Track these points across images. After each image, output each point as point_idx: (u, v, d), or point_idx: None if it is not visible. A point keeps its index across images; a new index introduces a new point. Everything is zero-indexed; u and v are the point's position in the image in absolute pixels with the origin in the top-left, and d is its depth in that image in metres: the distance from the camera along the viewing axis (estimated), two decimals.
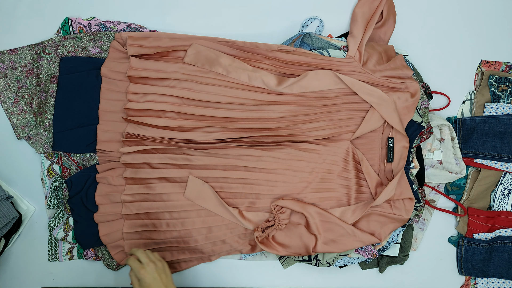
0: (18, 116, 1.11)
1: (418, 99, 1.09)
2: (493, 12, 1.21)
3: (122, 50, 1.09)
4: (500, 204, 1.18)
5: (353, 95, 1.09)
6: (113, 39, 1.10)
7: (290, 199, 1.09)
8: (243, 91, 1.07)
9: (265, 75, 1.06)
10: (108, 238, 1.10)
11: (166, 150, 1.08)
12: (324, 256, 1.12)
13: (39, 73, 1.11)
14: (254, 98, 1.07)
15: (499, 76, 1.18)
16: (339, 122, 1.10)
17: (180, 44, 1.08)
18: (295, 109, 1.09)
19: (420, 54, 1.19)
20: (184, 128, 1.08)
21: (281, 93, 1.08)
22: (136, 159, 1.07)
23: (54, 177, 1.13)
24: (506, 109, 1.17)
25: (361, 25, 1.11)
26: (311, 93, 1.08)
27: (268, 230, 1.08)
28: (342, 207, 1.09)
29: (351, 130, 1.11)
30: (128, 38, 1.06)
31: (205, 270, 1.17)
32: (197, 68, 1.07)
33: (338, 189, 1.11)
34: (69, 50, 1.10)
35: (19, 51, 1.10)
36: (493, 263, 1.18)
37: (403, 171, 1.09)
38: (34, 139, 1.12)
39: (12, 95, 1.11)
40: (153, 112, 1.07)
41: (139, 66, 1.07)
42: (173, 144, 1.08)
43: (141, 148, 1.07)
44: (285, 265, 1.17)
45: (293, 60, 1.08)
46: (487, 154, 1.17)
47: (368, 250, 1.11)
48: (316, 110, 1.09)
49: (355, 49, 1.09)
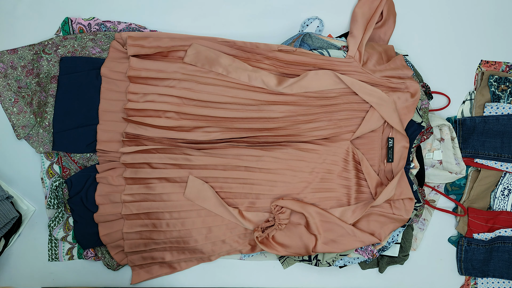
0: (18, 116, 1.11)
1: (418, 99, 1.09)
2: (493, 12, 1.21)
3: (122, 50, 1.09)
4: (500, 204, 1.18)
5: (353, 95, 1.09)
6: (113, 39, 1.10)
7: (290, 199, 1.09)
8: (243, 91, 1.07)
9: (265, 75, 1.06)
10: (108, 238, 1.10)
11: (166, 150, 1.08)
12: (324, 256, 1.12)
13: (39, 73, 1.11)
14: (254, 98, 1.07)
15: (499, 76, 1.18)
16: (339, 122, 1.10)
17: (180, 44, 1.08)
18: (295, 109, 1.09)
19: (420, 54, 1.20)
20: (184, 128, 1.08)
21: (281, 93, 1.08)
22: (136, 159, 1.07)
23: (54, 177, 1.13)
24: (506, 109, 1.17)
25: (361, 25, 1.11)
26: (311, 93, 1.08)
27: (268, 230, 1.08)
28: (342, 207, 1.09)
29: (351, 130, 1.11)
30: (128, 38, 1.06)
31: (205, 270, 1.17)
32: (197, 68, 1.07)
33: (338, 189, 1.11)
34: (69, 50, 1.10)
35: (19, 51, 1.10)
36: (493, 263, 1.18)
37: (403, 171, 1.09)
38: (34, 139, 1.12)
39: (12, 95, 1.11)
40: (153, 112, 1.07)
41: (139, 66, 1.07)
42: (173, 144, 1.08)
43: (141, 148, 1.07)
44: (285, 265, 1.17)
45: (293, 60, 1.08)
46: (487, 154, 1.17)
47: (368, 250, 1.11)
48: (316, 110, 1.09)
49: (355, 49, 1.09)
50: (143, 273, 1.14)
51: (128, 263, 1.13)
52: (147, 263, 1.13)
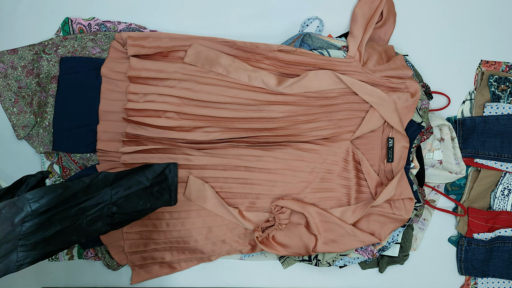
0: (18, 116, 1.11)
1: (418, 99, 1.09)
2: (493, 12, 1.21)
3: (122, 50, 1.09)
4: (500, 204, 1.18)
5: (353, 95, 1.09)
6: (113, 39, 1.10)
7: (290, 199, 1.09)
8: (243, 91, 1.07)
9: (265, 75, 1.06)
10: (108, 238, 1.10)
11: (166, 150, 1.08)
12: (324, 256, 1.12)
13: (39, 73, 1.11)
14: (254, 98, 1.07)
15: (499, 76, 1.18)
16: (339, 122, 1.10)
17: (180, 44, 1.08)
18: (295, 109, 1.09)
19: (420, 54, 1.20)
20: (184, 128, 1.08)
21: (281, 93, 1.08)
22: (136, 159, 1.07)
23: (54, 177, 1.13)
24: (506, 109, 1.17)
25: (361, 25, 1.11)
26: (311, 93, 1.08)
27: (268, 230, 1.08)
28: (342, 207, 1.09)
29: (351, 130, 1.11)
30: (128, 38, 1.06)
31: (205, 270, 1.17)
32: (197, 68, 1.07)
33: (338, 189, 1.11)
34: (69, 50, 1.10)
35: (19, 51, 1.10)
36: (493, 263, 1.18)
37: (403, 171, 1.09)
38: (34, 139, 1.12)
39: (12, 95, 1.11)
40: (153, 112, 1.07)
41: (139, 66, 1.07)
42: (173, 144, 1.08)
43: (141, 148, 1.07)
44: (285, 265, 1.17)
45: (293, 60, 1.08)
46: (487, 154, 1.17)
47: (368, 250, 1.11)
48: (316, 110, 1.09)
49: (355, 49, 1.09)
50: (143, 273, 1.14)
51: (128, 263, 1.13)
52: (147, 263, 1.13)
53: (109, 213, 0.82)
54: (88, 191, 0.79)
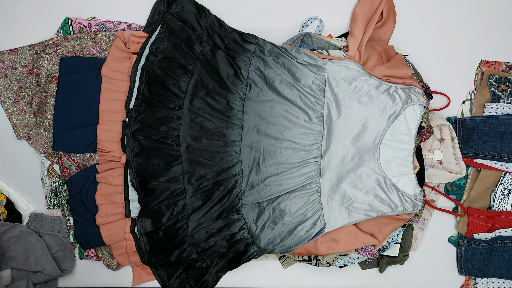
0: (18, 116, 1.11)
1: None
2: (493, 12, 1.21)
3: (124, 49, 1.09)
4: (500, 204, 1.18)
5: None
6: (114, 39, 1.10)
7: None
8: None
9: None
10: (111, 240, 1.10)
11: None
12: (324, 256, 1.12)
13: (39, 73, 1.11)
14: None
15: (499, 76, 1.18)
16: None
17: None
18: None
19: (420, 54, 1.19)
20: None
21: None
22: None
23: (54, 177, 1.13)
24: (506, 109, 1.17)
25: (361, 25, 1.11)
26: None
27: None
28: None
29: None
30: (132, 36, 1.07)
31: None
32: None
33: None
34: (69, 50, 1.10)
35: (19, 51, 1.10)
36: (493, 263, 1.18)
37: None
38: (34, 139, 1.12)
39: (12, 95, 1.11)
40: None
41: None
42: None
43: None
44: (285, 265, 1.17)
45: None
46: (487, 154, 1.17)
47: (368, 250, 1.11)
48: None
49: (355, 49, 1.09)
50: (145, 274, 1.14)
51: (130, 264, 1.13)
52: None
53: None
54: None
